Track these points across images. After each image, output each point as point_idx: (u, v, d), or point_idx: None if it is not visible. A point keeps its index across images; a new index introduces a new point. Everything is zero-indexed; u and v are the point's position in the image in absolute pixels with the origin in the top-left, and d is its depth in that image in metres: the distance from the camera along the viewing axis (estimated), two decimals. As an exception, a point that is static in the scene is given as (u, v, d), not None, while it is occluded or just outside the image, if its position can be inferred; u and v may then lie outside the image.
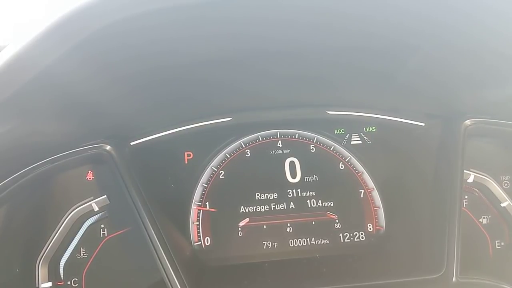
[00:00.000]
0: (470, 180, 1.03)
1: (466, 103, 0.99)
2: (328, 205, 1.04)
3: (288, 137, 1.10)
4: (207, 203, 1.03)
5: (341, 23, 0.68)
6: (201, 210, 1.03)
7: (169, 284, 0.83)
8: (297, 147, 1.09)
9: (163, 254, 0.85)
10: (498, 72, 0.85)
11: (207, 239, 1.01)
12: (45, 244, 0.94)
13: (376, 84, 0.96)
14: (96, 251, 0.97)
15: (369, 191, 1.07)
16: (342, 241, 1.02)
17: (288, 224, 1.03)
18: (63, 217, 0.96)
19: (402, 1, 0.64)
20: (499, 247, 1.02)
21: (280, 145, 1.09)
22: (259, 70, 0.86)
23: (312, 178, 1.06)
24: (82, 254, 0.97)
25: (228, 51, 0.75)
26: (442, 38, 0.74)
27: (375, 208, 1.05)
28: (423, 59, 0.82)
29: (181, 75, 0.84)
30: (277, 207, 1.04)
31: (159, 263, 0.84)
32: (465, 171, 0.98)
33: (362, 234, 1.04)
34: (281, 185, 1.05)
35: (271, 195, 1.04)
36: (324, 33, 0.71)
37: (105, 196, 0.98)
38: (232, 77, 0.89)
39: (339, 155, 1.09)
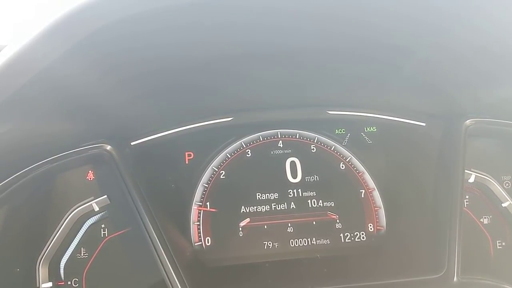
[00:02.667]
0: (471, 180, 1.03)
1: (467, 103, 0.99)
2: (329, 205, 1.04)
3: (288, 137, 1.10)
4: (208, 203, 1.03)
5: (340, 27, 0.69)
6: (202, 210, 1.02)
7: (169, 284, 0.83)
8: (298, 147, 1.09)
9: (164, 254, 0.85)
10: (498, 72, 0.86)
11: (208, 239, 1.01)
12: (46, 244, 0.94)
13: (377, 84, 0.97)
14: (97, 251, 0.97)
15: (370, 191, 1.06)
16: (343, 241, 1.02)
17: (289, 224, 1.02)
18: (63, 217, 0.96)
19: (399, 6, 0.64)
20: (500, 247, 1.02)
21: (281, 145, 1.09)
22: (260, 70, 0.87)
23: (313, 178, 1.06)
24: (82, 254, 0.97)
25: (229, 50, 0.75)
26: (441, 40, 0.74)
27: (376, 208, 1.05)
28: (424, 60, 0.83)
29: (181, 75, 0.84)
30: (278, 207, 1.03)
31: (160, 263, 0.85)
32: (466, 171, 0.98)
33: (363, 234, 1.03)
34: (282, 185, 1.05)
35: (272, 195, 1.04)
36: (325, 36, 0.72)
37: (105, 196, 0.98)
38: (233, 77, 0.89)
39: (340, 155, 1.09)
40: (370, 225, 1.04)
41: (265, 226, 1.02)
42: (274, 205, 1.04)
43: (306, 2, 0.63)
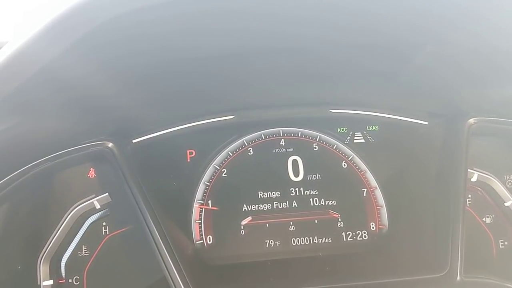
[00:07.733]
0: (474, 179, 1.03)
1: (470, 102, 0.99)
2: (330, 203, 1.04)
3: (291, 135, 1.10)
4: (209, 202, 1.03)
5: (346, 19, 0.68)
6: (203, 209, 1.02)
7: (171, 282, 0.82)
8: (300, 146, 1.09)
9: (165, 252, 0.84)
10: (502, 70, 0.85)
11: (209, 237, 1.01)
12: (47, 241, 0.94)
13: (379, 82, 0.96)
14: (98, 249, 0.96)
15: (372, 190, 1.06)
16: (344, 240, 1.02)
17: (291, 223, 1.02)
18: (64, 214, 0.96)
19: (403, 12, 0.65)
20: (503, 247, 1.02)
21: (283, 144, 1.09)
22: (262, 68, 0.86)
23: (314, 177, 1.06)
24: (83, 252, 0.96)
25: (232, 47, 0.75)
26: (446, 36, 0.74)
27: (378, 207, 1.05)
28: (427, 57, 0.82)
29: (183, 73, 0.84)
30: (280, 206, 1.03)
31: (161, 261, 0.84)
32: (468, 170, 0.97)
33: (365, 233, 1.03)
34: (284, 184, 1.05)
35: (273, 194, 1.04)
36: (329, 30, 0.72)
37: (107, 193, 0.98)
38: (235, 75, 0.89)
39: (342, 153, 1.09)
40: (372, 224, 1.04)
41: (267, 225, 1.02)
42: (276, 203, 1.03)
43: (309, 8, 0.63)
